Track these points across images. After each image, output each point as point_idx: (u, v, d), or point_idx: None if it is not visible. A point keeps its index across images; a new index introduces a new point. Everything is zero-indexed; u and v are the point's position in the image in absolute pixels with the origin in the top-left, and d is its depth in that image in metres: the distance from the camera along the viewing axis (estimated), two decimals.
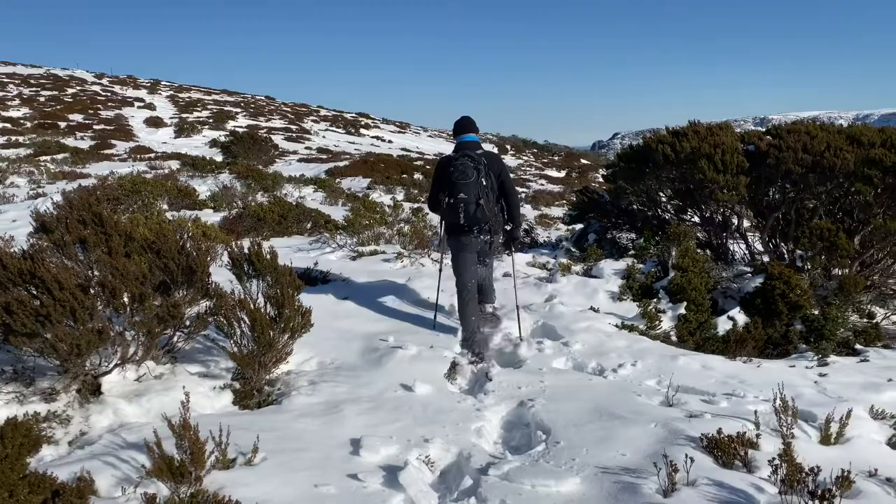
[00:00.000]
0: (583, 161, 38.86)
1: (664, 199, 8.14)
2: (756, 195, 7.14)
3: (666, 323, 5.93)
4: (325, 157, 24.14)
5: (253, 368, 4.17)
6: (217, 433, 2.99)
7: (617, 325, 5.73)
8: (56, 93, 43.85)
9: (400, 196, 14.67)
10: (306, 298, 4.53)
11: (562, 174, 29.15)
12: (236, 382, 4.21)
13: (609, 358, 4.97)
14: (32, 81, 49.15)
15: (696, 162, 6.80)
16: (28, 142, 22.82)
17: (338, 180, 16.50)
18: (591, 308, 6.10)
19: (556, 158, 40.42)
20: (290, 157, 23.52)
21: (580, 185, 17.38)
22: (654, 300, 6.19)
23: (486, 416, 3.97)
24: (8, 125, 28.52)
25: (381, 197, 14.40)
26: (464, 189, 5.14)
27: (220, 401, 4.01)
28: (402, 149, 33.16)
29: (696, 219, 7.85)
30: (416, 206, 12.69)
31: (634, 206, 8.28)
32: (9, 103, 36.59)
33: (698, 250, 7.02)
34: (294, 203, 10.23)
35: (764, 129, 7.91)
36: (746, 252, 7.50)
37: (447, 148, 36.47)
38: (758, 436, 3.41)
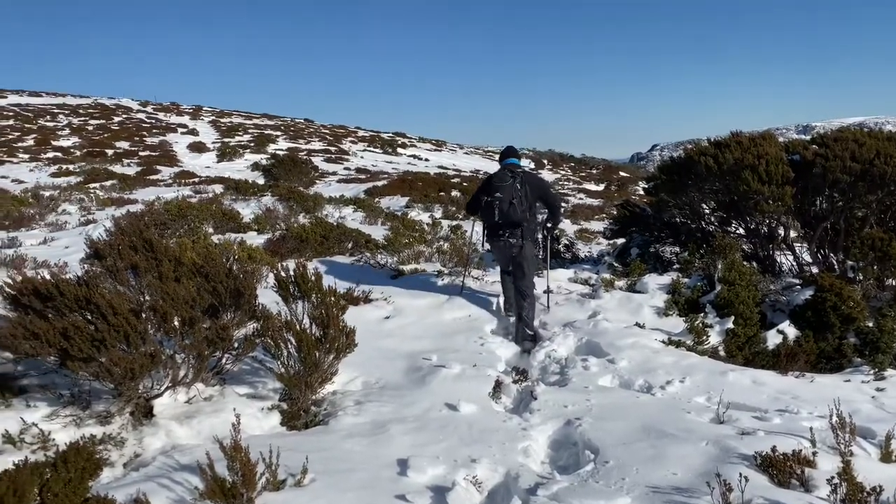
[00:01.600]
0: (621, 174, 38.54)
1: (707, 211, 8.01)
2: (802, 205, 6.99)
3: (714, 338, 5.81)
4: (363, 177, 24.41)
5: (300, 389, 4.22)
6: (267, 455, 3.03)
7: (663, 341, 5.64)
8: (103, 121, 45.32)
9: (438, 214, 14.73)
10: (349, 318, 4.58)
11: (601, 188, 28.96)
12: (284, 403, 4.26)
13: (656, 375, 4.89)
14: (81, 111, 50.91)
15: (740, 173, 6.69)
16: (78, 170, 23.57)
17: (377, 200, 16.65)
18: (637, 324, 6.02)
19: (595, 172, 40.17)
20: (329, 179, 23.83)
21: (620, 199, 17.21)
22: (701, 315, 6.08)
23: (533, 436, 3.94)
24: (59, 154, 29.55)
25: (419, 215, 14.48)
26: (500, 189, 6.09)
27: (268, 422, 4.06)
28: (439, 167, 33.34)
29: (741, 230, 7.70)
30: (454, 223, 12.72)
31: (677, 219, 8.17)
32: (59, 133, 37.94)
33: (744, 263, 6.89)
34: (335, 223, 10.34)
35: (808, 138, 7.75)
36: (794, 263, 7.33)
37: (484, 165, 36.54)
38: (814, 454, 3.31)
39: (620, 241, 8.85)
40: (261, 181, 20.10)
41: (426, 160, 37.85)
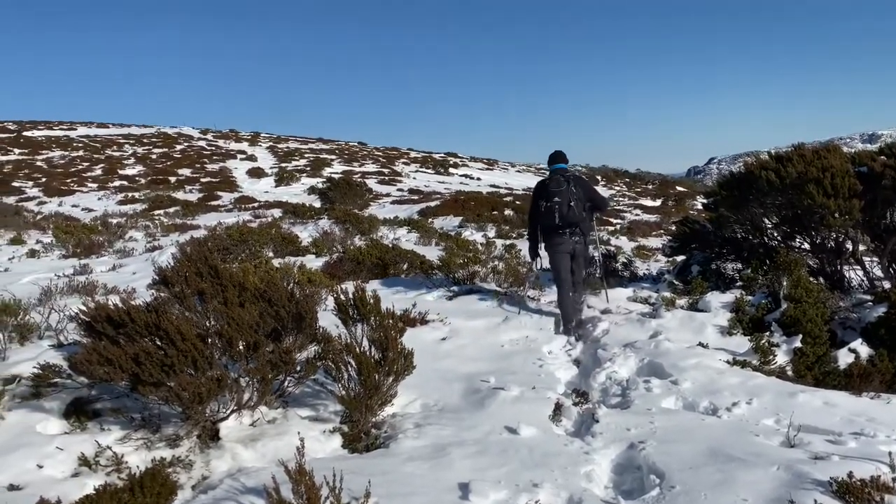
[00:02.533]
0: (678, 188, 37.82)
1: (770, 226, 7.79)
2: (872, 218, 6.73)
3: (780, 357, 5.62)
4: (416, 197, 24.63)
5: (360, 411, 4.26)
6: (330, 478, 3.06)
7: (728, 361, 5.49)
8: (166, 150, 47.04)
9: (492, 233, 14.74)
10: (407, 339, 4.60)
11: (657, 203, 28.49)
12: (345, 426, 4.31)
13: (722, 396, 4.75)
14: (145, 140, 52.99)
15: (804, 187, 6.49)
16: (143, 197, 24.51)
17: (430, 220, 16.78)
18: (700, 344, 5.88)
19: (650, 187, 39.55)
20: (383, 200, 24.14)
21: (677, 214, 16.89)
22: (767, 334, 5.89)
23: (596, 460, 3.88)
24: (125, 182, 30.78)
25: (472, 235, 14.52)
26: (557, 195, 6.61)
27: (330, 444, 4.11)
28: (491, 185, 33.39)
29: (806, 245, 7.46)
30: (508, 242, 12.70)
31: (738, 235, 7.97)
32: (125, 162, 39.55)
33: (811, 279, 6.66)
34: (390, 245, 10.46)
35: (875, 147, 7.48)
36: (864, 279, 7.05)
37: (535, 182, 36.40)
38: (894, 480, 3.16)
39: (680, 258, 8.68)
40: (317, 204, 20.50)
41: (478, 179, 37.97)
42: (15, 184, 29.36)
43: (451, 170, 42.55)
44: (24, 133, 54.76)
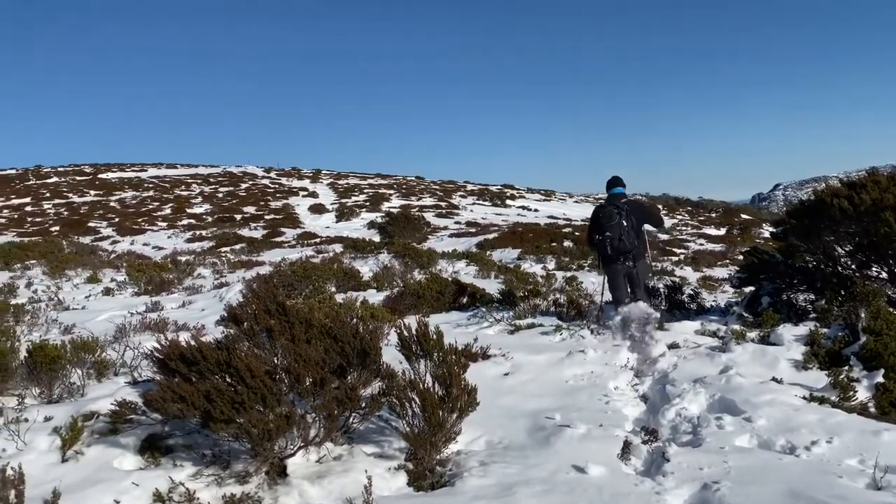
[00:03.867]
0: (743, 216, 36.86)
1: (843, 255, 7.49)
2: None
3: (861, 393, 5.35)
4: (474, 230, 24.72)
5: (425, 448, 4.24)
6: None
7: (804, 397, 5.25)
8: (231, 188, 48.66)
9: (551, 265, 14.64)
10: (469, 375, 4.57)
11: (722, 231, 27.81)
12: (409, 463, 4.29)
13: (799, 434, 4.54)
14: (212, 180, 54.95)
15: (880, 214, 6.25)
16: (210, 235, 25.35)
17: (488, 253, 16.79)
18: (773, 378, 5.65)
19: (714, 215, 38.65)
20: (441, 233, 24.31)
21: (743, 243, 16.47)
22: (845, 368, 5.63)
23: (668, 500, 3.75)
24: (193, 221, 31.91)
25: (531, 267, 14.45)
26: (609, 229, 7.04)
27: (395, 482, 4.09)
28: (549, 216, 33.24)
29: (884, 275, 7.14)
30: (568, 274, 12.58)
31: (810, 264, 7.69)
32: (193, 201, 41.05)
33: (891, 310, 6.35)
34: (450, 278, 10.49)
35: None
36: None
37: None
38: None
39: (749, 289, 8.41)
40: (377, 239, 20.80)
41: (535, 210, 37.87)
42: (91, 224, 30.83)
43: (508, 201, 42.60)
44: (100, 175, 57.58)
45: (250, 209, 36.76)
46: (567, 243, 18.06)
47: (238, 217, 32.98)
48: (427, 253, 15.09)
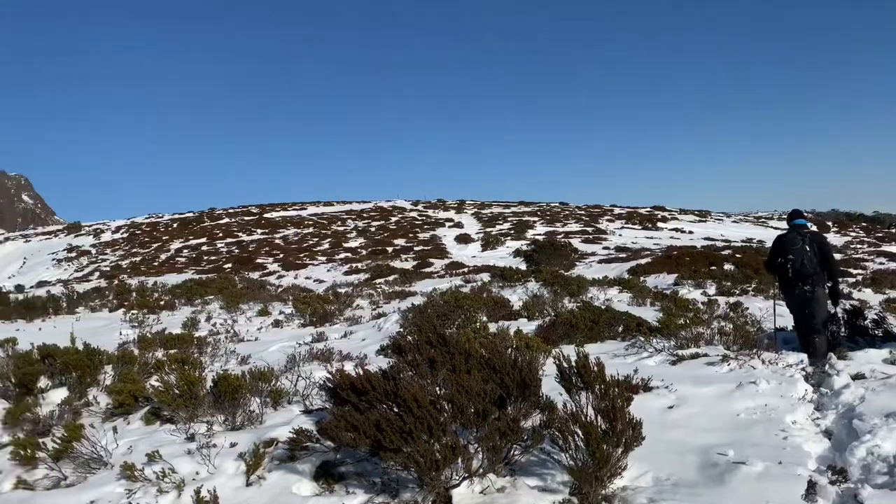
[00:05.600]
0: None
1: None
2: None
3: None
4: (624, 255, 24.05)
5: (589, 483, 4.14)
6: None
7: None
8: (383, 222, 50.77)
9: (711, 291, 13.90)
10: (631, 408, 4.42)
11: None
12: (574, 497, 4.20)
13: None
14: (364, 214, 57.65)
15: None
16: (365, 267, 26.52)
17: (642, 279, 16.25)
18: None
19: (894, 231, 35.03)
20: (589, 259, 23.87)
21: None
22: None
23: None
24: (349, 254, 33.59)
25: (690, 293, 13.79)
26: (791, 252, 7.23)
27: None
28: (705, 238, 31.68)
29: None
30: (732, 300, 11.86)
31: None
32: (348, 236, 43.23)
33: None
34: (603, 307, 10.25)
35: None
36: None
37: (756, 232, 33.94)
38: None
39: None
40: (523, 267, 20.79)
41: (690, 232, 36.25)
42: (258, 260, 33.33)
43: (660, 224, 41.11)
44: (265, 215, 62.22)
45: (400, 241, 38.13)
46: (728, 266, 17.07)
47: (390, 249, 34.32)
48: (576, 280, 14.86)
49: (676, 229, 38.27)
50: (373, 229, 46.12)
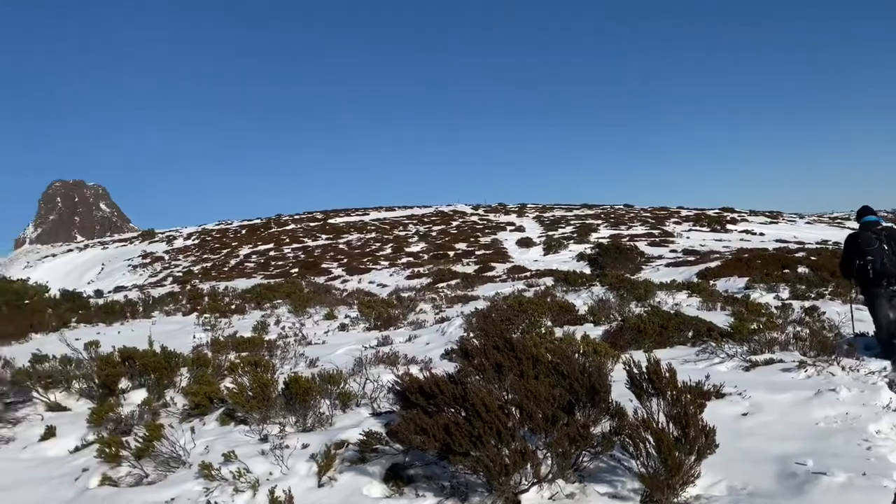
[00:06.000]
0: None
1: None
2: None
3: None
4: (692, 258, 23.47)
5: (661, 491, 4.06)
6: None
7: None
8: (444, 226, 51.02)
9: (785, 294, 13.43)
10: (703, 415, 4.32)
11: None
12: None
13: None
14: (425, 219, 58.06)
15: None
16: (427, 272, 26.71)
17: (711, 282, 15.82)
18: None
19: None
20: (656, 263, 23.40)
21: None
22: None
23: None
24: (411, 259, 33.88)
25: (762, 297, 13.35)
26: (869, 252, 6.91)
27: None
28: (777, 240, 30.64)
29: None
30: (807, 304, 11.43)
31: None
32: (410, 240, 43.62)
33: None
34: (672, 311, 10.03)
35: None
36: None
37: (831, 234, 32.62)
38: None
39: None
40: (587, 271, 20.54)
41: (761, 234, 35.12)
42: (323, 265, 33.97)
43: (729, 226, 39.98)
44: (329, 220, 63.45)
45: (461, 245, 38.24)
46: (802, 269, 16.45)
47: (451, 254, 34.46)
48: (643, 284, 14.58)
49: (746, 231, 37.12)
50: (434, 234, 46.40)
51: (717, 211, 50.74)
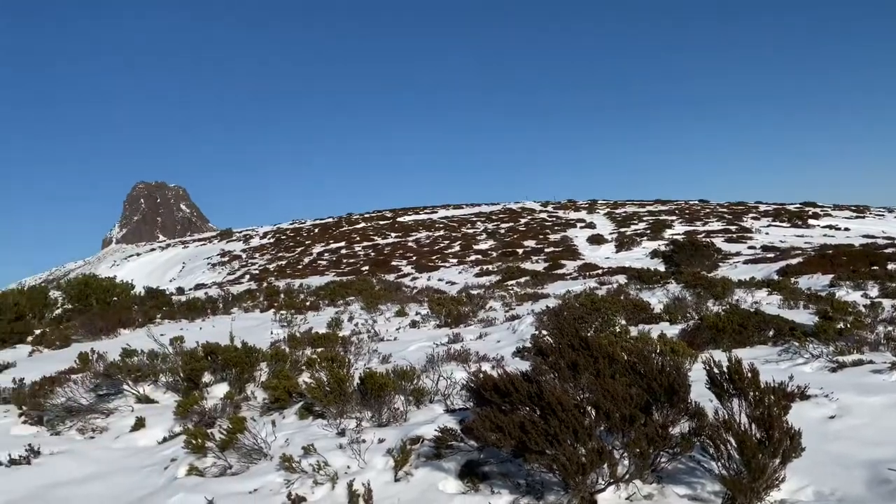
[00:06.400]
0: None
1: None
2: None
3: None
4: (771, 255, 22.62)
5: (744, 494, 3.96)
6: None
7: None
8: (512, 224, 50.79)
9: (873, 292, 12.76)
10: (788, 417, 4.18)
11: None
12: None
13: None
14: (493, 217, 57.94)
15: None
16: (496, 269, 26.67)
17: (793, 280, 15.21)
18: None
19: None
20: (733, 260, 22.66)
21: None
22: None
23: None
24: (479, 256, 33.90)
25: (848, 295, 12.73)
26: None
27: None
28: (864, 235, 29.17)
29: None
30: None
31: None
32: (478, 238, 43.63)
33: None
34: (752, 310, 9.70)
35: None
36: None
37: None
38: None
39: None
40: (661, 268, 20.07)
41: (846, 229, 33.51)
42: (393, 263, 34.39)
43: (811, 221, 38.31)
44: (398, 219, 64.13)
45: (530, 243, 38.00)
46: (893, 266, 15.61)
47: (520, 251, 34.29)
48: (721, 282, 14.15)
49: (830, 226, 35.49)
50: (502, 231, 46.26)
51: (798, 206, 48.68)
